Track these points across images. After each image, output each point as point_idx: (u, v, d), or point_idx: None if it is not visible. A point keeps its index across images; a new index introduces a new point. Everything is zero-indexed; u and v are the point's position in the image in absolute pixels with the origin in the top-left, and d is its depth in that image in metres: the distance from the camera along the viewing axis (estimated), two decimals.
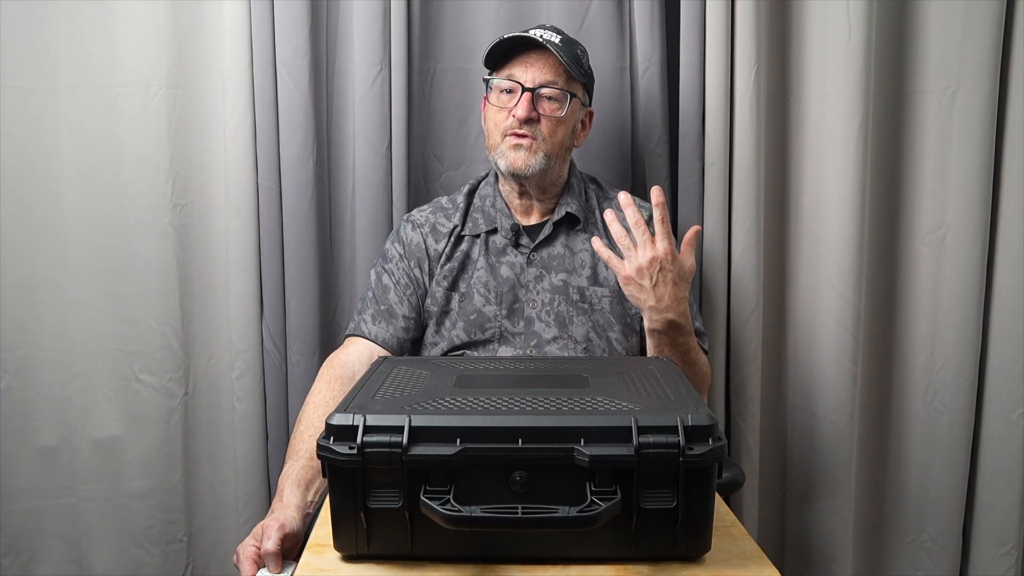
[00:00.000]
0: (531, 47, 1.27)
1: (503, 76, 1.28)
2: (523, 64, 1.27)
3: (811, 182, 1.51)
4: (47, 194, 1.46)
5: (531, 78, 1.26)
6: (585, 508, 0.77)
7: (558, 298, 1.29)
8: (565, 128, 1.29)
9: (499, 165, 1.28)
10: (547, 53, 1.27)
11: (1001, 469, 1.56)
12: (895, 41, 1.49)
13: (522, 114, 1.24)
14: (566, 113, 1.27)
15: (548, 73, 1.26)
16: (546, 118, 1.26)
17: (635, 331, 1.31)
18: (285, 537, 0.98)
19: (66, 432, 1.51)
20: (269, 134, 1.46)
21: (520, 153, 1.26)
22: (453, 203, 1.38)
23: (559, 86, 1.26)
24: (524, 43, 1.27)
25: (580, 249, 1.32)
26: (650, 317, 1.16)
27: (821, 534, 1.55)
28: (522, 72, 1.26)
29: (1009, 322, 1.53)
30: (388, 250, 1.36)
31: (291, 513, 1.02)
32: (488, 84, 1.30)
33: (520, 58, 1.27)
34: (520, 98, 1.25)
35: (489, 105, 1.31)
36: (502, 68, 1.29)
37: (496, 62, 1.30)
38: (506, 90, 1.28)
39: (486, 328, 1.28)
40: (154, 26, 1.44)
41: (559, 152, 1.29)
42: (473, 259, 1.32)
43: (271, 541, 0.97)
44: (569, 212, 1.32)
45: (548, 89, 1.26)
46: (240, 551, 0.99)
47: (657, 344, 1.19)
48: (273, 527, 0.99)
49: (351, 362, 1.26)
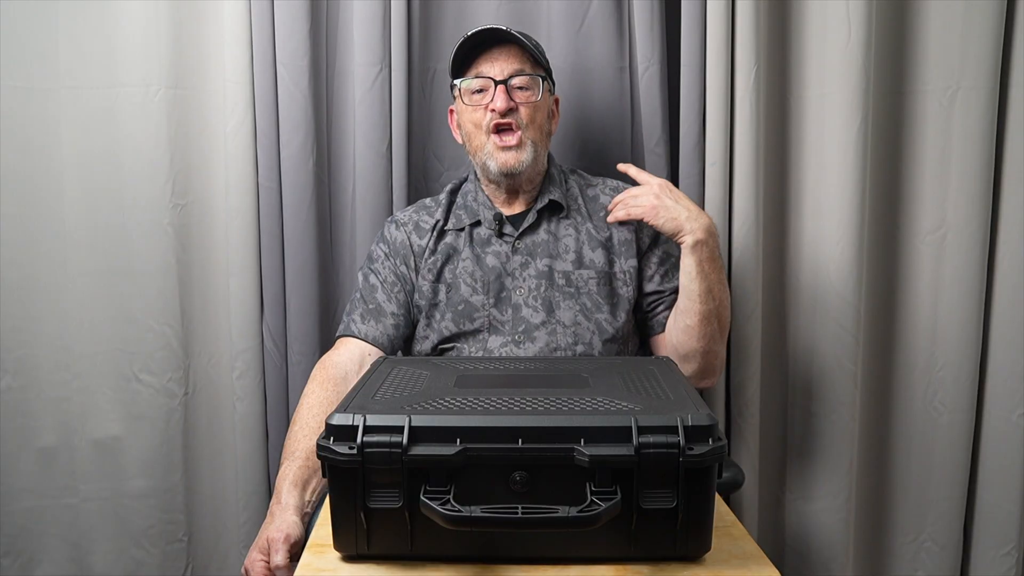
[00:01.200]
0: (492, 45, 1.29)
1: (471, 76, 1.29)
2: (488, 61, 1.29)
3: (811, 182, 1.51)
4: (47, 194, 1.46)
5: (500, 71, 1.27)
6: (585, 508, 0.77)
7: (544, 283, 1.29)
8: (542, 112, 1.31)
9: (489, 167, 1.29)
10: (508, 46, 1.29)
11: (1001, 469, 1.56)
12: (895, 41, 1.49)
13: (501, 105, 1.25)
14: (540, 97, 1.29)
15: (515, 63, 1.28)
16: (523, 105, 1.28)
17: (624, 311, 1.31)
18: (291, 547, 0.99)
19: (66, 432, 1.51)
20: (269, 134, 1.46)
21: (510, 154, 1.27)
22: (436, 201, 1.39)
23: (528, 72, 1.28)
24: (485, 41, 1.29)
25: (564, 235, 1.32)
26: (691, 230, 1.20)
27: (821, 534, 1.55)
28: (489, 67, 1.28)
29: (1009, 322, 1.53)
30: (373, 251, 1.37)
31: (292, 518, 1.02)
32: (456, 90, 1.32)
33: (483, 56, 1.29)
34: (495, 91, 1.26)
35: (463, 108, 1.31)
36: (467, 70, 1.30)
37: (459, 68, 1.32)
38: (477, 90, 1.29)
39: (475, 318, 1.29)
40: (154, 26, 1.44)
41: (542, 137, 1.31)
42: (459, 250, 1.32)
43: (280, 555, 0.97)
44: (552, 199, 1.33)
45: (519, 78, 1.28)
46: (249, 567, 1.00)
47: (699, 261, 1.21)
48: (279, 539, 0.99)
49: (343, 363, 1.27)
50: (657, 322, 1.33)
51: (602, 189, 1.37)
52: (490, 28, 1.28)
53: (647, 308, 1.33)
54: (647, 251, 1.33)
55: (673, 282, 1.31)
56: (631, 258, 1.31)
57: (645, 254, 1.32)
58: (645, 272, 1.32)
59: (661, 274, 1.32)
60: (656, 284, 1.32)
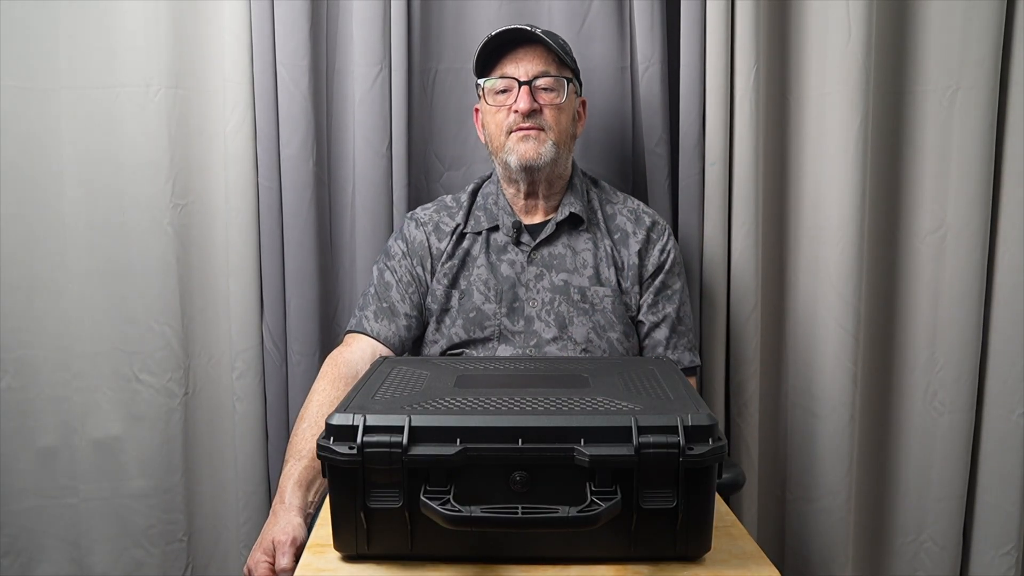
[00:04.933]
0: (517, 44, 1.28)
1: (495, 77, 1.29)
2: (513, 61, 1.28)
3: (811, 182, 1.51)
4: (47, 194, 1.46)
5: (524, 72, 1.27)
6: (585, 508, 0.77)
7: (558, 298, 1.29)
8: (567, 115, 1.30)
9: (509, 162, 1.27)
10: (534, 46, 1.28)
11: (1001, 469, 1.56)
12: (895, 41, 1.49)
13: (524, 106, 1.25)
14: (565, 99, 1.28)
15: (540, 64, 1.27)
16: (547, 107, 1.27)
17: (635, 332, 1.32)
18: (296, 550, 0.98)
19: (66, 432, 1.51)
20: (269, 134, 1.46)
21: (529, 144, 1.26)
22: (457, 201, 1.38)
23: (553, 74, 1.28)
24: (511, 41, 1.28)
25: (582, 249, 1.32)
26: None
27: (821, 534, 1.55)
28: (514, 68, 1.27)
29: (1009, 322, 1.53)
30: (391, 247, 1.36)
31: (296, 520, 1.02)
32: (480, 89, 1.31)
33: (508, 56, 1.28)
34: (519, 92, 1.26)
35: (486, 108, 1.31)
36: (492, 70, 1.30)
37: (484, 67, 1.31)
38: (501, 90, 1.28)
39: (485, 326, 1.28)
40: (154, 26, 1.44)
41: (565, 140, 1.30)
42: (474, 256, 1.32)
43: (286, 558, 0.96)
44: (573, 212, 1.31)
45: (543, 79, 1.27)
46: (252, 567, 0.99)
47: None
48: (286, 543, 0.98)
49: (354, 360, 1.26)
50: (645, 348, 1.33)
51: (620, 209, 1.36)
52: (516, 28, 1.27)
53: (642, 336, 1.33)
54: (648, 279, 1.32)
55: (665, 310, 1.31)
56: (636, 283, 1.31)
57: (645, 281, 1.32)
58: (643, 298, 1.32)
59: (649, 303, 1.32)
60: (645, 311, 1.32)
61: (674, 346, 1.32)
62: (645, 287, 1.32)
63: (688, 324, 1.35)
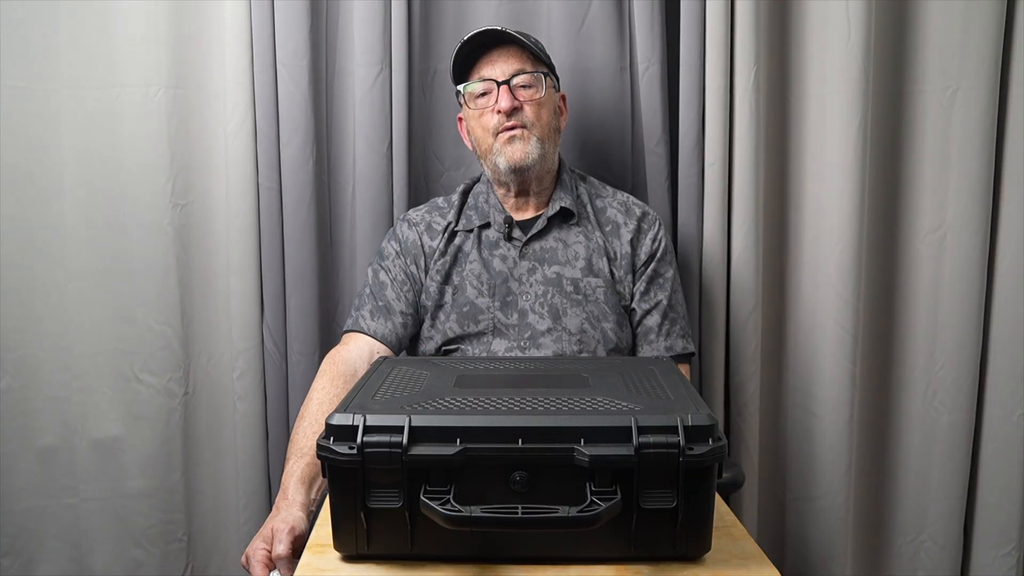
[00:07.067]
0: (491, 47, 1.31)
1: (474, 81, 1.31)
2: (489, 63, 1.30)
3: (811, 182, 1.51)
4: (47, 194, 1.46)
5: (501, 72, 1.29)
6: (585, 508, 0.77)
7: (551, 290, 1.30)
8: (547, 109, 1.32)
9: (499, 165, 1.30)
10: (508, 46, 1.30)
11: (1001, 469, 1.56)
12: (895, 41, 1.49)
13: (506, 105, 1.27)
14: (544, 94, 1.31)
15: (515, 63, 1.30)
16: (528, 104, 1.29)
17: (627, 321, 1.32)
18: (295, 539, 0.98)
19: (66, 432, 1.51)
20: (269, 134, 1.46)
21: (516, 145, 1.28)
22: (448, 202, 1.40)
23: (529, 70, 1.30)
24: (483, 44, 1.30)
25: (574, 242, 1.33)
26: None
27: (821, 534, 1.55)
28: (490, 69, 1.30)
29: (1009, 322, 1.53)
30: (384, 248, 1.37)
31: (298, 513, 1.02)
32: (461, 96, 1.33)
33: (483, 59, 1.31)
34: (498, 92, 1.28)
35: (469, 114, 1.33)
36: (469, 75, 1.32)
37: (461, 73, 1.33)
38: (481, 94, 1.31)
39: (479, 320, 1.29)
40: (154, 26, 1.44)
41: (549, 134, 1.32)
42: (466, 252, 1.33)
43: (282, 545, 0.97)
44: (563, 206, 1.33)
45: (520, 76, 1.29)
46: (250, 554, 0.99)
47: None
48: (284, 530, 0.98)
49: (353, 359, 1.27)
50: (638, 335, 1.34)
51: (610, 202, 1.38)
52: (487, 30, 1.29)
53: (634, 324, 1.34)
54: (641, 267, 1.33)
55: (657, 297, 1.32)
56: (629, 272, 1.32)
57: (639, 269, 1.33)
58: (635, 286, 1.33)
59: (642, 291, 1.32)
60: (637, 299, 1.32)
61: (666, 333, 1.33)
62: (638, 275, 1.33)
63: (680, 311, 1.35)
